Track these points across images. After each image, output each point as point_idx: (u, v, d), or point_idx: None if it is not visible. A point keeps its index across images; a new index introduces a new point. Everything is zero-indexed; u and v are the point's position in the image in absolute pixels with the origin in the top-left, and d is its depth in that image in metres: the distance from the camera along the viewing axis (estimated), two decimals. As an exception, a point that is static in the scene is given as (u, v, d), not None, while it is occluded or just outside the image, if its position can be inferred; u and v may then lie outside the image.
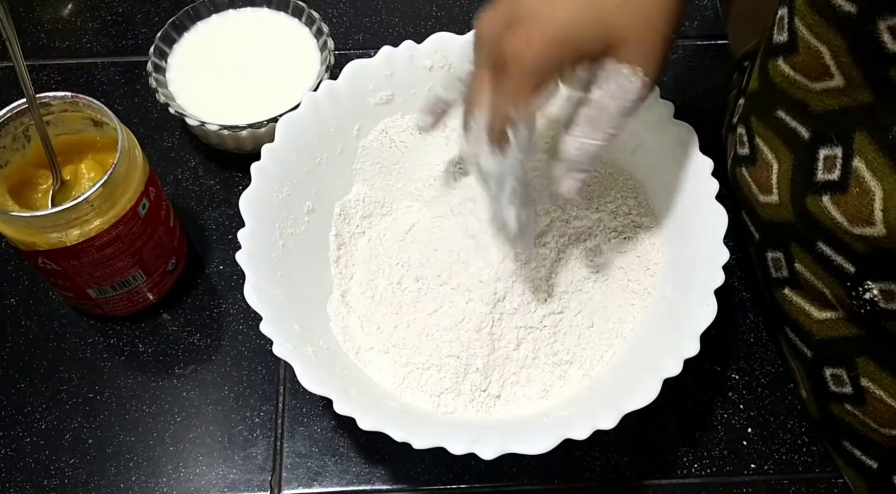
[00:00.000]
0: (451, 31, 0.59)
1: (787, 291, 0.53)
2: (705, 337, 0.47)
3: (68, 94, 0.53)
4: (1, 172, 0.54)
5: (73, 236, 0.51)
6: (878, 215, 0.42)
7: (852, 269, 0.45)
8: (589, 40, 0.44)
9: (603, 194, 0.58)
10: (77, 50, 0.73)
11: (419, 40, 0.59)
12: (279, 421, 0.56)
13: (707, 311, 0.48)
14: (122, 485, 0.54)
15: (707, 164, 0.53)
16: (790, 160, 0.49)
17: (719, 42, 0.73)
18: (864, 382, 0.48)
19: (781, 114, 0.49)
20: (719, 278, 0.49)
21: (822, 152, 0.45)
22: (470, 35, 0.57)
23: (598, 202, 0.58)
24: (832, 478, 0.55)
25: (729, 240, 0.51)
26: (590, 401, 0.50)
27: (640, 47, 0.44)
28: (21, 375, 0.58)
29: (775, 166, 0.50)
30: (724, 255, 0.50)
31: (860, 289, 0.45)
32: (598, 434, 0.45)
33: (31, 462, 0.55)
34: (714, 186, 0.52)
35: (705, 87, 0.71)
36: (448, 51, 0.59)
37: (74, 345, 0.59)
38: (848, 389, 0.50)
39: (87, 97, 0.53)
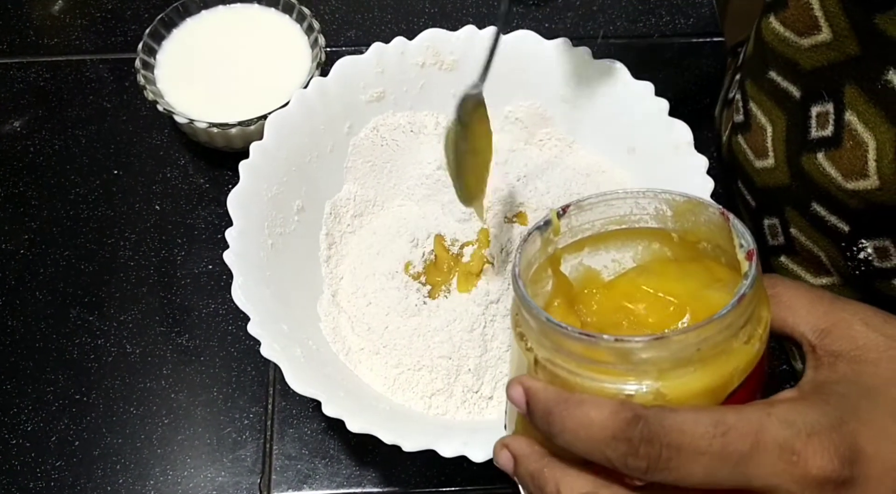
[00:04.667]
0: (443, 28, 0.59)
1: (783, 258, 0.53)
2: (700, 338, 0.46)
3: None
4: None
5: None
6: (872, 165, 0.43)
7: (846, 228, 0.46)
8: None
9: (597, 193, 0.58)
10: (66, 47, 0.72)
11: (411, 37, 0.58)
12: (269, 423, 0.56)
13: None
14: (108, 488, 0.54)
15: (702, 162, 0.53)
16: (784, 121, 0.49)
17: (715, 40, 0.73)
18: None
19: (773, 75, 0.49)
20: (714, 278, 0.48)
21: (815, 110, 0.46)
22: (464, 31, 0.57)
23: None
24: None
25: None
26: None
27: None
28: (7, 376, 0.57)
29: (769, 129, 0.51)
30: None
31: (854, 249, 0.46)
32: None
33: (16, 464, 0.54)
34: (709, 184, 0.52)
35: (700, 84, 0.70)
36: (440, 47, 0.58)
37: (61, 346, 0.58)
38: None
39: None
